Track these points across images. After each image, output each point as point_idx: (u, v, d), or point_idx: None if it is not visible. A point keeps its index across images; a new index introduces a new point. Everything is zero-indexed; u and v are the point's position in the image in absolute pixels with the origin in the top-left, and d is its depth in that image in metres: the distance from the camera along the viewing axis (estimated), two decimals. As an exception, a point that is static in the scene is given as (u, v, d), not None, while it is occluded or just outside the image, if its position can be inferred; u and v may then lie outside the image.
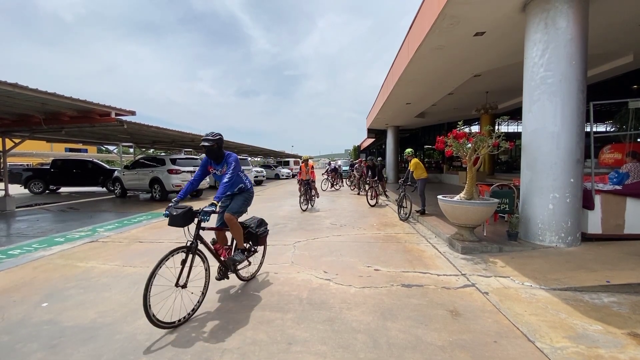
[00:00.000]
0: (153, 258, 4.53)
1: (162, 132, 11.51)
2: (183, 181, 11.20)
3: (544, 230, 4.60)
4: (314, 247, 5.11)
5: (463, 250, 4.56)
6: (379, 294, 3.26)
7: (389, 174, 18.19)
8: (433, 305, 2.99)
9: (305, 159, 9.75)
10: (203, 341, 2.44)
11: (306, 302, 3.09)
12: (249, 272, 3.72)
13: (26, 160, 28.61)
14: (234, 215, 3.24)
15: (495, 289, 3.31)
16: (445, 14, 5.25)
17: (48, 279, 3.78)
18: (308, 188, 9.28)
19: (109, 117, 8.18)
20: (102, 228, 6.66)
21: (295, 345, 2.36)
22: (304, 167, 9.53)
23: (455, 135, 4.82)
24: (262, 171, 21.00)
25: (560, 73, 4.43)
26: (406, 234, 6.01)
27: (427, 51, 6.97)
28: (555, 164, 4.50)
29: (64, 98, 6.79)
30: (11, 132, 9.62)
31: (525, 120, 4.89)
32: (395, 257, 4.52)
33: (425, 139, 26.62)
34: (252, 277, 3.70)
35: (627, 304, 2.95)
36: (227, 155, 3.25)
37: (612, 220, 4.72)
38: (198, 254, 2.88)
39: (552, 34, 4.45)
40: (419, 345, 2.34)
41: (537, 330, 2.51)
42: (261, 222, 3.68)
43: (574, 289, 3.25)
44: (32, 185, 14.54)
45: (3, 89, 5.68)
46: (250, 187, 3.54)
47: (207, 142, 3.10)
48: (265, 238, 3.71)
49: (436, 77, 9.27)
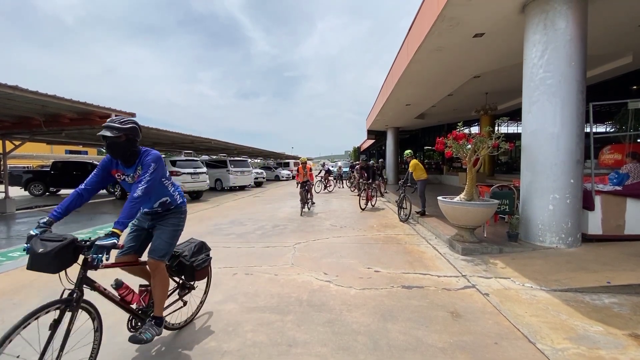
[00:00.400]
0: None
1: (162, 134, 11.52)
2: (183, 183, 11.17)
3: (544, 231, 4.60)
4: (314, 248, 5.10)
5: (463, 251, 4.55)
6: (380, 295, 3.26)
7: (389, 175, 18.20)
8: (433, 306, 2.99)
9: (303, 161, 9.43)
10: (203, 344, 2.43)
11: (306, 303, 3.09)
12: (183, 316, 2.69)
13: (26, 163, 28.63)
14: (161, 260, 2.23)
15: (496, 290, 3.31)
16: (445, 16, 5.27)
17: (48, 281, 3.77)
18: (305, 190, 8.94)
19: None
20: (102, 230, 6.66)
21: (296, 347, 2.36)
22: (302, 169, 9.18)
23: (455, 137, 4.82)
24: (262, 173, 21.02)
25: (560, 74, 4.44)
26: (406, 235, 6.00)
27: (426, 52, 6.99)
28: (555, 165, 4.50)
29: (64, 100, 6.79)
30: (11, 134, 9.62)
31: (525, 121, 4.89)
32: (395, 258, 4.52)
33: (425, 140, 26.63)
34: (187, 322, 2.70)
35: (628, 305, 2.94)
36: (143, 152, 2.19)
37: (612, 221, 4.71)
38: (84, 308, 1.90)
39: (551, 35, 4.46)
40: (420, 347, 2.33)
41: (538, 332, 2.51)
42: (200, 248, 2.72)
43: (575, 290, 3.24)
44: (32, 187, 14.54)
45: (3, 91, 5.69)
46: (181, 203, 2.44)
47: (109, 132, 2.01)
48: (206, 270, 2.75)
49: (436, 79, 9.28)
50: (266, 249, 5.07)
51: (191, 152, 19.60)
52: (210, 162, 16.33)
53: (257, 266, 4.22)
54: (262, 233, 6.27)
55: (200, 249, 2.72)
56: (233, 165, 15.95)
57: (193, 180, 11.63)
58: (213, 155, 21.40)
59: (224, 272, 3.98)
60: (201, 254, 2.69)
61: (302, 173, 9.10)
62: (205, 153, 21.92)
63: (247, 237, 5.95)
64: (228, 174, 15.61)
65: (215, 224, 7.31)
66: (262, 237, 5.95)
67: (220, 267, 4.17)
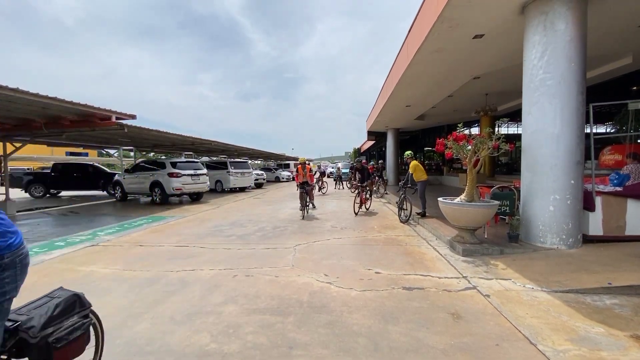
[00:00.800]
0: (153, 262, 4.54)
1: (162, 136, 11.54)
2: (183, 184, 11.19)
3: (545, 232, 4.59)
4: (315, 250, 5.10)
5: (464, 252, 4.55)
6: (380, 297, 3.25)
7: (389, 176, 18.21)
8: (434, 308, 2.98)
9: (302, 162, 9.02)
10: (204, 345, 2.43)
11: (307, 305, 3.08)
12: None
13: (27, 164, 28.66)
14: None
15: (497, 292, 3.30)
16: (445, 17, 5.28)
17: (49, 283, 3.77)
18: (305, 192, 8.45)
19: (109, 121, 8.20)
20: (102, 232, 6.66)
21: (296, 349, 2.35)
22: (301, 169, 8.77)
23: (455, 138, 4.83)
24: (263, 174, 21.03)
25: (560, 75, 4.44)
26: (407, 236, 6.00)
27: (426, 54, 6.99)
28: (555, 166, 4.50)
29: (65, 102, 6.81)
30: (12, 136, 9.64)
31: (525, 122, 4.89)
32: (396, 259, 4.51)
33: (425, 141, 26.64)
34: None
35: (629, 306, 2.93)
36: None
37: (613, 222, 4.71)
38: None
39: (551, 36, 4.47)
40: (421, 349, 2.33)
41: (539, 333, 2.50)
42: (68, 307, 1.72)
43: (576, 291, 3.23)
44: (33, 189, 14.55)
45: (4, 93, 5.70)
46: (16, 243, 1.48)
47: None
48: (79, 345, 1.73)
49: (436, 80, 9.29)
50: (266, 251, 5.07)
51: (191, 153, 19.66)
52: (211, 164, 16.35)
53: (257, 268, 4.22)
54: (263, 234, 6.27)
55: (69, 308, 1.71)
56: (233, 167, 15.95)
57: (193, 182, 11.65)
58: (213, 157, 21.43)
59: (225, 274, 3.98)
60: (69, 319, 1.70)
61: (302, 174, 8.76)
62: (205, 154, 21.95)
63: (248, 238, 5.95)
64: (228, 175, 15.62)
65: (216, 225, 7.31)
66: (263, 238, 5.95)
67: (220, 269, 4.17)
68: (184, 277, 3.90)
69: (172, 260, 4.62)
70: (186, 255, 4.83)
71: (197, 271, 4.10)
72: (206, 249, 5.21)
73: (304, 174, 8.74)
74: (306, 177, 8.76)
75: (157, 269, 4.23)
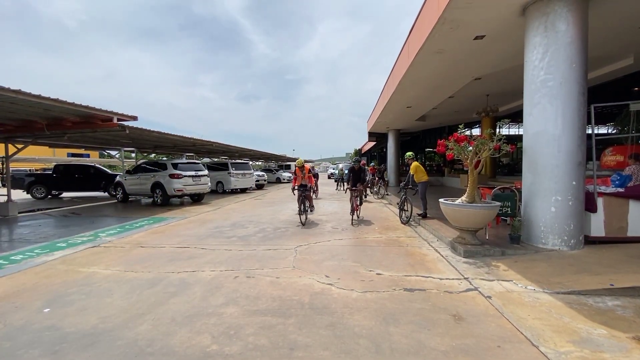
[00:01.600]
0: (155, 263, 4.54)
1: (163, 137, 11.56)
2: (185, 185, 11.21)
3: (547, 233, 4.58)
4: (316, 251, 5.09)
5: (465, 253, 4.54)
6: (381, 298, 3.25)
7: (390, 178, 18.21)
8: (436, 309, 2.98)
9: (300, 164, 8.09)
10: (205, 346, 2.43)
11: (308, 306, 3.08)
12: None
13: (29, 166, 28.75)
14: None
15: (498, 293, 3.29)
16: (445, 18, 5.28)
17: (50, 284, 3.78)
18: (303, 196, 7.56)
19: (111, 123, 8.22)
20: (104, 233, 6.67)
21: (297, 350, 2.35)
22: (299, 171, 8.01)
23: (456, 139, 4.82)
24: (264, 175, 21.05)
25: (561, 76, 4.44)
26: (408, 237, 5.99)
27: (427, 55, 7.00)
28: (556, 167, 4.49)
29: (67, 104, 6.83)
30: (14, 137, 9.67)
31: (526, 123, 4.89)
32: (397, 261, 4.51)
33: (426, 142, 26.61)
34: None
35: (631, 308, 2.92)
36: None
37: (615, 223, 4.69)
38: None
39: (552, 37, 4.47)
40: (422, 350, 2.32)
41: (540, 335, 2.49)
42: None
43: (578, 293, 3.22)
44: (34, 190, 14.58)
45: (6, 95, 5.73)
46: None
47: None
48: None
49: (436, 81, 9.29)
50: (267, 252, 5.07)
51: (193, 154, 19.69)
52: (212, 165, 16.38)
53: (258, 269, 4.21)
54: (264, 236, 6.27)
55: None
56: (234, 168, 15.97)
57: (195, 183, 11.67)
58: (214, 158, 21.45)
59: (226, 275, 3.98)
60: None
61: (300, 176, 8.00)
62: (206, 156, 21.97)
63: (249, 239, 5.95)
64: (229, 176, 15.64)
65: (217, 226, 7.32)
66: (264, 239, 5.95)
67: (221, 270, 4.17)
68: (185, 278, 3.90)
69: (173, 261, 4.62)
70: (187, 257, 4.84)
71: (198, 272, 4.11)
72: (207, 250, 5.21)
73: (303, 175, 8.04)
74: (305, 179, 8.08)
75: (158, 270, 4.23)
